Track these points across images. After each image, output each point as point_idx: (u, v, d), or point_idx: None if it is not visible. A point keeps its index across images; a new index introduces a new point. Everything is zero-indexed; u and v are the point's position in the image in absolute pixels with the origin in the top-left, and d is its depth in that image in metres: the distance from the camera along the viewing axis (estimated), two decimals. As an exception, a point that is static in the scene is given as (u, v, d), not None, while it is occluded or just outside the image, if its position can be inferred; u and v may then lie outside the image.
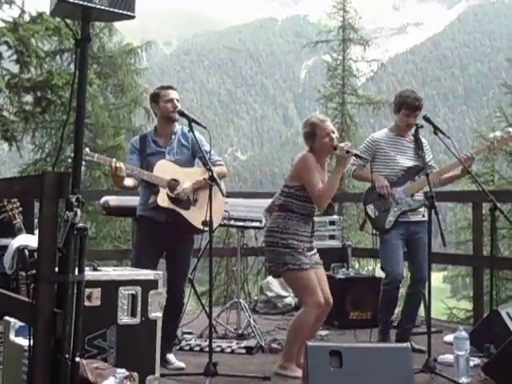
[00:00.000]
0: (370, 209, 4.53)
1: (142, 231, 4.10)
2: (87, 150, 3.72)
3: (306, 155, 3.86)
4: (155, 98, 4.05)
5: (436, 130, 4.02)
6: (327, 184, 3.85)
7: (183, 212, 3.97)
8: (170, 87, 4.08)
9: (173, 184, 3.94)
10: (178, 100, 4.04)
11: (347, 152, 3.78)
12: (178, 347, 4.39)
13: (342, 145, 3.83)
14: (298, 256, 3.79)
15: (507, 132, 4.44)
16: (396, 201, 4.43)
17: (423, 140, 4.51)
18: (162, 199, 3.90)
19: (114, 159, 3.80)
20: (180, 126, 4.12)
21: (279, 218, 3.88)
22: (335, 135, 3.88)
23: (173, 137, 4.07)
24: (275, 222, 3.89)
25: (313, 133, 3.87)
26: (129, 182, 3.92)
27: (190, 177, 4.01)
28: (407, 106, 4.40)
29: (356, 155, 3.94)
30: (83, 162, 3.62)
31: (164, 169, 3.93)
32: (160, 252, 4.05)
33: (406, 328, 4.54)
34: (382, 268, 4.62)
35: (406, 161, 4.48)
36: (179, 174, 3.97)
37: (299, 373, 3.54)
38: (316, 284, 3.82)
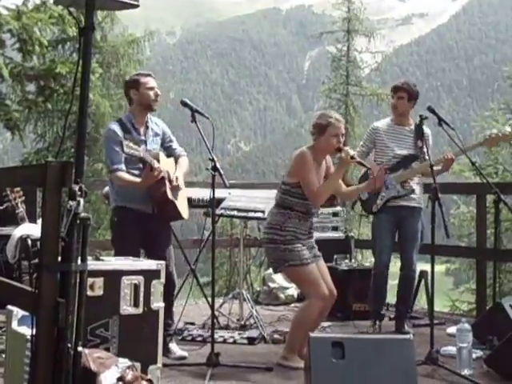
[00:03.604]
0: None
1: (127, 223, 3.90)
2: (131, 144, 3.61)
3: (304, 152, 3.82)
4: (134, 84, 3.94)
5: (440, 121, 4.04)
6: (325, 184, 3.85)
7: (176, 203, 3.98)
8: (149, 75, 4.00)
9: (169, 176, 3.94)
10: (157, 88, 3.97)
11: (351, 157, 3.79)
12: (180, 337, 4.40)
13: (347, 149, 3.83)
14: (297, 252, 3.78)
15: (503, 131, 4.50)
16: (386, 186, 4.58)
17: (426, 131, 4.58)
18: (169, 192, 3.89)
19: (156, 160, 3.75)
20: (149, 115, 4.05)
21: (278, 214, 3.87)
22: (342, 139, 3.88)
23: (148, 125, 4.02)
24: (274, 219, 3.88)
25: (324, 128, 3.83)
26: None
27: (170, 166, 4.01)
28: (391, 88, 4.70)
29: (359, 163, 3.96)
30: (124, 154, 3.58)
31: (163, 160, 3.92)
32: (141, 242, 3.95)
33: (402, 311, 4.68)
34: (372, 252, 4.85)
35: (403, 150, 4.62)
36: (167, 165, 3.97)
37: (301, 364, 3.54)
38: (318, 276, 3.82)
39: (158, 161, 3.82)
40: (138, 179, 3.82)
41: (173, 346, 4.00)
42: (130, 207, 3.91)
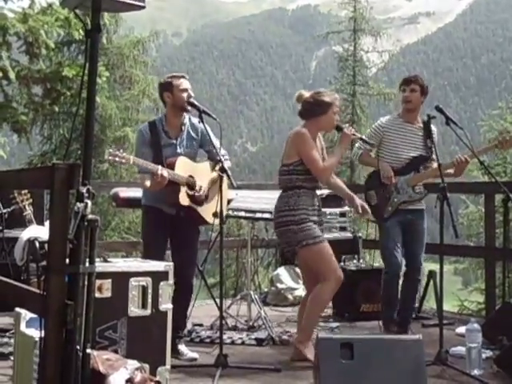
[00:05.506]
0: (371, 195, 4.52)
1: (151, 222, 4.02)
2: (121, 151, 3.62)
3: (303, 131, 3.87)
4: (168, 86, 3.93)
5: (448, 120, 3.98)
6: (331, 159, 3.91)
7: (199, 208, 3.99)
8: (182, 76, 3.99)
9: (190, 181, 3.93)
10: (191, 90, 3.97)
11: (353, 134, 3.92)
12: (188, 339, 4.39)
13: (347, 125, 3.96)
14: (311, 230, 3.80)
15: None
16: (397, 190, 4.43)
17: (433, 129, 4.43)
18: (183, 198, 3.89)
19: (159, 166, 3.72)
20: (188, 117, 4.06)
21: (287, 196, 3.90)
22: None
23: (183, 128, 4.02)
24: (283, 201, 3.91)
25: (329, 105, 3.87)
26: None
27: (202, 173, 4.01)
28: (401, 81, 4.51)
29: (362, 139, 4.07)
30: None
31: (183, 165, 3.91)
32: (167, 242, 4.05)
33: (405, 317, 4.50)
34: (381, 256, 4.61)
35: (412, 150, 4.45)
36: (194, 171, 3.97)
37: (311, 354, 3.51)
38: (332, 254, 3.84)
39: (173, 166, 3.81)
40: (149, 183, 3.83)
41: (182, 347, 3.99)
42: (156, 207, 3.97)
